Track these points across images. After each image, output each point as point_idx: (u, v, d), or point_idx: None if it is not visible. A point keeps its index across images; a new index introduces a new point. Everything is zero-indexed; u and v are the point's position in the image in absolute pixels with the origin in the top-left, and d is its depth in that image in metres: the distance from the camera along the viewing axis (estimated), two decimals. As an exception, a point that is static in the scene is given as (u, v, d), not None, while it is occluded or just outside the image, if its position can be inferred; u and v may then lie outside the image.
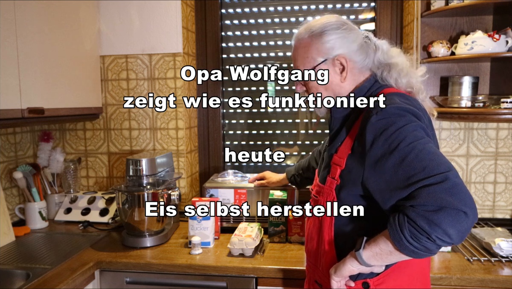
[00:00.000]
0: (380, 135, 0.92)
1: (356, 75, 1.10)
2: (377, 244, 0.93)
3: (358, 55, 1.08)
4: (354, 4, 2.09)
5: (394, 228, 0.87)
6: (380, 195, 0.93)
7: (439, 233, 0.81)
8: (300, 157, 2.23)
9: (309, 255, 1.18)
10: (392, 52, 1.11)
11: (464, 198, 0.81)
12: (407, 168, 0.87)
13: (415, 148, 0.87)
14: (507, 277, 1.35)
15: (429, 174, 0.84)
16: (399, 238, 0.86)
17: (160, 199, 1.67)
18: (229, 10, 2.19)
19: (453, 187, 0.82)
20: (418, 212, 0.82)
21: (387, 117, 0.93)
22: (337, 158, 1.04)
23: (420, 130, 0.92)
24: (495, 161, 1.90)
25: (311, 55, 1.09)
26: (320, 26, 1.09)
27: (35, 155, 2.10)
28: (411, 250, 0.86)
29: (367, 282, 1.01)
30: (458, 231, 0.81)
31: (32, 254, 1.58)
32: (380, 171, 0.91)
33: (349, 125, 1.06)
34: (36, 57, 1.60)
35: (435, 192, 0.82)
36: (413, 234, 0.83)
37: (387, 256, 0.92)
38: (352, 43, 1.08)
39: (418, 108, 0.99)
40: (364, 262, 0.95)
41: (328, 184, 1.06)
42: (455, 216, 0.80)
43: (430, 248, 0.84)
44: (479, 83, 1.81)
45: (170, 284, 1.52)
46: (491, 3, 1.56)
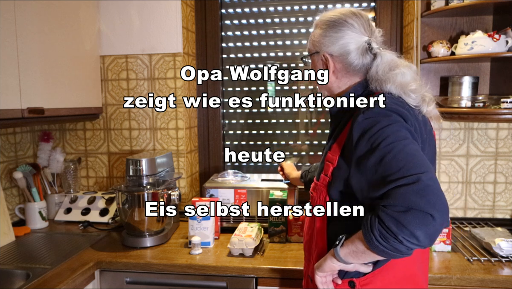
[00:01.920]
0: (365, 134, 0.92)
1: (352, 75, 1.10)
2: (353, 243, 0.94)
3: (350, 57, 1.07)
4: (354, 4, 2.09)
5: (366, 227, 0.87)
6: (360, 193, 0.94)
7: (406, 235, 0.80)
8: (300, 157, 2.23)
9: (305, 250, 1.20)
10: (398, 64, 1.05)
11: (434, 200, 0.80)
12: (384, 167, 0.87)
13: (394, 148, 0.87)
14: (507, 277, 1.35)
15: (402, 175, 0.83)
16: (370, 238, 0.86)
17: (160, 199, 1.67)
18: (229, 10, 2.19)
19: (423, 188, 0.81)
20: (387, 212, 0.82)
21: (372, 116, 0.93)
22: (330, 156, 1.05)
23: (403, 131, 0.91)
24: (495, 161, 1.90)
25: (311, 42, 1.14)
26: (322, 20, 1.12)
27: (35, 155, 2.10)
28: (381, 250, 0.86)
29: (353, 281, 1.02)
30: (425, 234, 0.80)
31: (32, 254, 1.58)
32: (362, 170, 0.92)
33: (343, 123, 1.07)
34: (36, 57, 1.60)
35: (406, 192, 0.81)
36: (382, 234, 0.83)
37: (362, 254, 0.93)
38: (347, 45, 1.07)
39: (407, 109, 0.98)
40: (342, 259, 0.96)
41: (321, 181, 1.07)
42: (422, 218, 0.79)
43: (399, 249, 0.84)
44: (479, 83, 1.81)
45: (170, 284, 1.52)
46: (491, 3, 1.56)
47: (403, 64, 1.05)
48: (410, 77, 1.04)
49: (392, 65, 1.04)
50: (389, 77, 1.03)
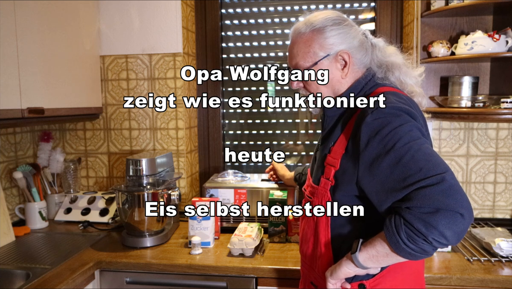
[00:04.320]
0: (376, 136, 0.91)
1: (355, 72, 1.09)
2: (373, 246, 0.92)
3: (359, 52, 1.08)
4: (354, 4, 2.09)
5: (390, 230, 0.86)
6: (375, 196, 0.92)
7: (436, 235, 0.81)
8: (301, 157, 2.23)
9: (304, 257, 1.17)
10: (389, 50, 1.11)
11: (461, 199, 0.81)
12: (403, 168, 0.86)
13: (411, 148, 0.87)
14: (507, 277, 1.35)
15: (425, 175, 0.83)
16: (396, 240, 0.85)
17: (160, 199, 1.67)
18: (229, 10, 2.19)
19: (449, 188, 0.81)
20: (414, 214, 0.82)
21: (382, 117, 0.92)
22: (331, 158, 1.02)
23: (415, 131, 0.91)
24: (495, 161, 1.90)
25: (313, 50, 1.07)
26: (322, 21, 1.08)
27: (35, 155, 2.10)
28: (407, 252, 0.86)
29: (363, 283, 1.00)
30: (454, 233, 0.80)
31: (32, 254, 1.58)
32: (376, 172, 0.90)
33: (343, 124, 1.05)
34: (36, 57, 1.60)
35: (431, 193, 0.81)
36: (410, 236, 0.83)
37: (384, 258, 0.92)
38: (353, 39, 1.07)
39: (413, 108, 0.98)
40: (361, 265, 0.94)
41: (323, 185, 1.05)
42: (452, 217, 0.80)
43: (426, 250, 0.84)
44: (479, 83, 1.81)
45: (170, 284, 1.52)
46: (491, 3, 1.56)
47: (391, 49, 1.12)
48: (401, 59, 1.11)
49: (386, 49, 1.11)
50: (388, 60, 1.09)
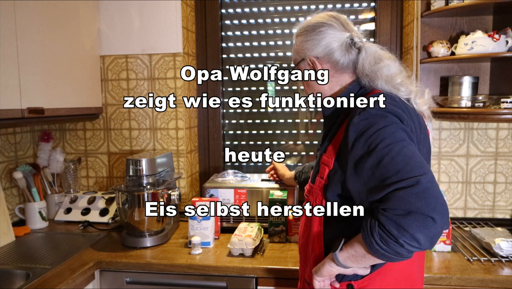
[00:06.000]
0: (361, 136, 0.91)
1: (335, 77, 1.10)
2: (352, 246, 0.93)
3: (335, 56, 1.07)
4: (354, 4, 2.09)
5: (365, 231, 0.86)
6: (358, 196, 0.93)
7: (407, 238, 0.80)
8: (301, 157, 2.23)
9: (300, 253, 1.19)
10: (382, 56, 1.05)
11: (434, 203, 0.79)
12: (382, 170, 0.86)
13: (392, 150, 0.86)
14: (507, 277, 1.35)
15: (401, 177, 0.82)
16: (370, 242, 0.85)
17: (160, 199, 1.67)
18: (229, 10, 2.19)
19: (423, 191, 0.80)
20: (387, 215, 0.82)
21: (369, 118, 0.92)
22: (326, 158, 1.04)
23: (400, 132, 0.90)
24: (495, 161, 1.91)
25: (295, 52, 1.16)
26: (303, 26, 1.13)
27: (35, 155, 2.10)
28: (381, 254, 0.85)
29: (351, 284, 1.01)
30: (426, 236, 0.79)
31: (32, 254, 1.58)
32: (360, 172, 0.90)
33: (338, 125, 1.05)
34: (36, 57, 1.60)
35: (405, 196, 0.80)
36: (383, 238, 0.83)
37: (362, 258, 0.92)
38: (327, 46, 1.07)
39: (403, 110, 0.97)
40: (341, 264, 0.95)
41: (317, 184, 1.06)
42: (423, 221, 0.79)
43: (400, 252, 0.83)
44: (479, 83, 1.81)
45: (170, 284, 1.52)
46: (491, 3, 1.56)
47: (386, 57, 1.06)
48: (395, 69, 1.04)
49: (377, 57, 1.04)
50: (376, 71, 1.03)
